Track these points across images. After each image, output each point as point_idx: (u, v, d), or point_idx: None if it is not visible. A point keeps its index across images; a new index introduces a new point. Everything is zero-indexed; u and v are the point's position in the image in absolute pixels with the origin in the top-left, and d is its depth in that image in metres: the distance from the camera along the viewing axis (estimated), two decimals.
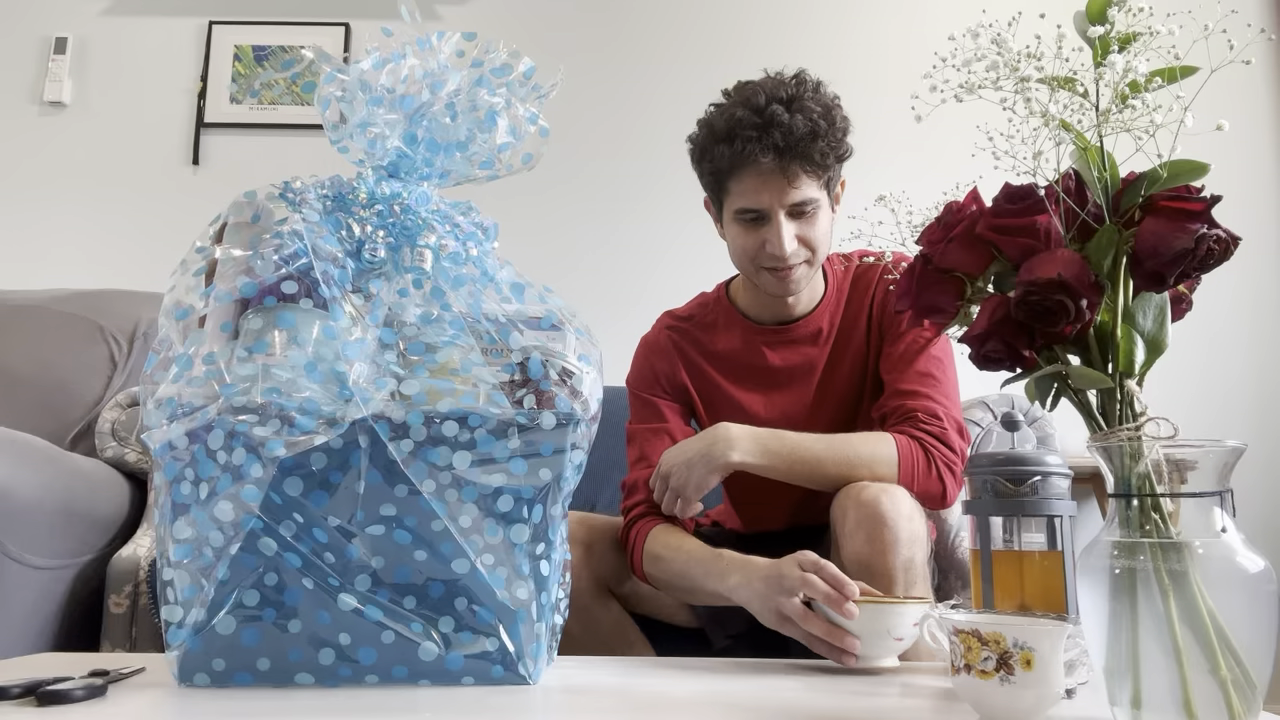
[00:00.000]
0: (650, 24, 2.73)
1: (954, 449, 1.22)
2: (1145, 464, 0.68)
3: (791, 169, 1.20)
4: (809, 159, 1.19)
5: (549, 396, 0.86)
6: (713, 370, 1.36)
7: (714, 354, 1.37)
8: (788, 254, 1.23)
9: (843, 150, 1.25)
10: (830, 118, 1.22)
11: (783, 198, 1.21)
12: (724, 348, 1.37)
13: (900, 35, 2.68)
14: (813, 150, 1.19)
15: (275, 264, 0.84)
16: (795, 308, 1.34)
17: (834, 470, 1.19)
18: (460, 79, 0.93)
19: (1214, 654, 0.63)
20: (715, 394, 1.37)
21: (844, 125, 1.25)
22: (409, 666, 0.82)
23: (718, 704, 0.78)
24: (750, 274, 1.32)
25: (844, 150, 1.25)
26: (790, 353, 1.34)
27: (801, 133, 1.18)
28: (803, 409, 1.34)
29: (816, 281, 1.36)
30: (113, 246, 2.58)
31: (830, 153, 1.21)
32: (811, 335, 1.35)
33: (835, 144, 1.22)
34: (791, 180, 1.20)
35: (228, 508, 0.78)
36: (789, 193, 1.21)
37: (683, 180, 2.59)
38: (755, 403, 1.34)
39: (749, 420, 1.27)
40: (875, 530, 1.14)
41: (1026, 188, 0.77)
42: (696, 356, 1.38)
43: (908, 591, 1.14)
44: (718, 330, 1.39)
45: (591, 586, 1.25)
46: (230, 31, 2.71)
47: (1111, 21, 0.74)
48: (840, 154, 1.24)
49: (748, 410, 1.34)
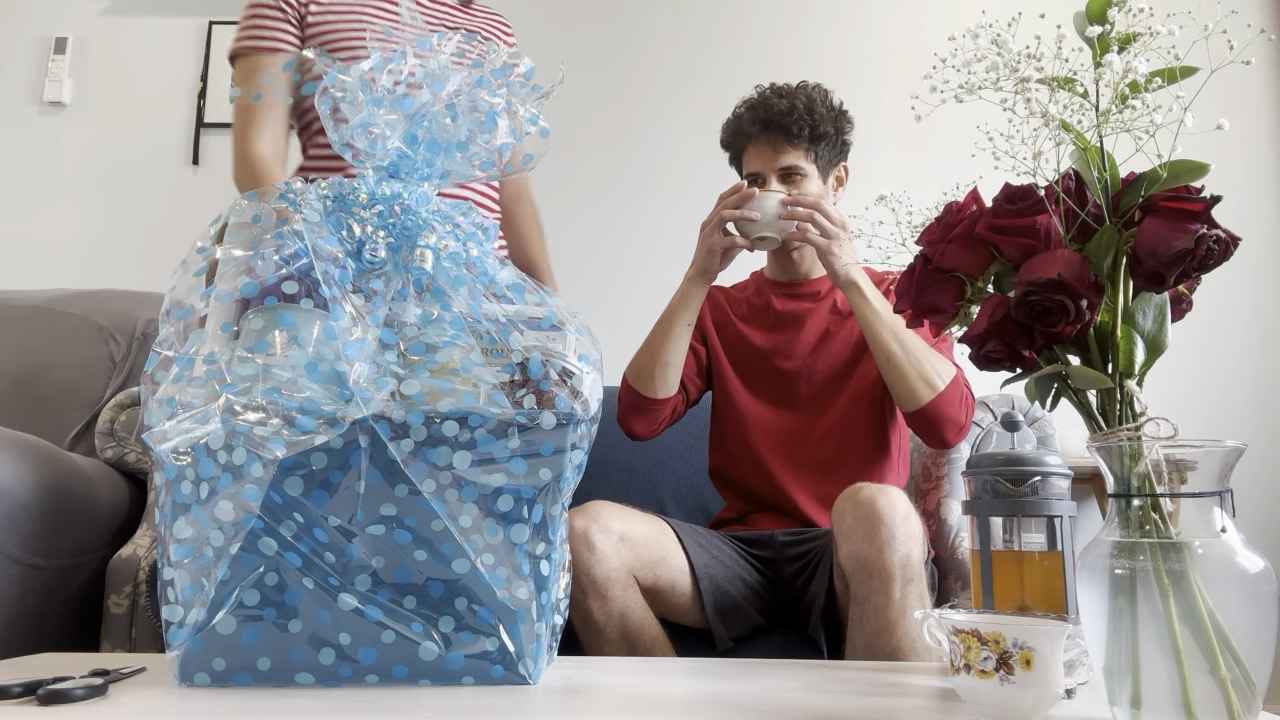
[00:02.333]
0: (650, 24, 2.73)
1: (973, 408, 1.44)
2: (1145, 464, 0.68)
3: (775, 139, 1.51)
4: (787, 131, 1.49)
5: (549, 396, 0.86)
6: (730, 311, 1.64)
7: (734, 299, 1.67)
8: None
9: (822, 128, 1.50)
10: (811, 106, 1.50)
11: (772, 163, 1.52)
12: (741, 295, 1.67)
13: (900, 35, 2.68)
14: (790, 124, 1.49)
15: (276, 264, 0.84)
16: (800, 267, 1.60)
17: (910, 344, 1.39)
18: (461, 79, 0.93)
19: (1214, 654, 0.63)
20: (726, 326, 1.62)
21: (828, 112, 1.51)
22: (409, 666, 0.82)
23: (718, 704, 0.78)
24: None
25: (824, 128, 1.51)
26: (791, 303, 1.60)
27: (782, 110, 1.50)
28: (793, 350, 1.55)
29: None
30: (113, 246, 2.58)
31: (806, 126, 1.49)
32: (811, 294, 1.60)
33: (812, 121, 1.49)
34: (776, 148, 1.51)
35: (228, 507, 0.78)
36: (777, 158, 1.51)
37: (683, 180, 2.60)
38: (755, 336, 1.58)
39: (746, 349, 1.57)
40: (872, 529, 1.16)
41: (1026, 188, 0.78)
42: (722, 301, 1.67)
43: (904, 588, 1.15)
44: (746, 289, 1.69)
45: (624, 576, 1.26)
46: (230, 31, 2.70)
47: (1111, 21, 0.74)
48: (820, 130, 1.50)
49: (748, 340, 1.58)
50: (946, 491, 1.65)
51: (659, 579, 1.31)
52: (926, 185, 1.13)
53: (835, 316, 1.56)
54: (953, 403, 1.38)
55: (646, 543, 1.31)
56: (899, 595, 1.15)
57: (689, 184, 2.57)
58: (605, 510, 1.29)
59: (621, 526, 1.28)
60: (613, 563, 1.24)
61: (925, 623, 0.80)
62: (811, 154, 1.51)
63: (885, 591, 1.15)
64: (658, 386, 1.50)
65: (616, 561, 1.25)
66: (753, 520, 1.53)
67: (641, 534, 1.31)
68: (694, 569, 1.35)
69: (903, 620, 1.15)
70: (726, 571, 1.38)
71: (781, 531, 1.46)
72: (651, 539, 1.32)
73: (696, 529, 1.45)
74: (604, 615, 1.24)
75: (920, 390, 1.38)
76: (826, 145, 1.52)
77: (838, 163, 1.57)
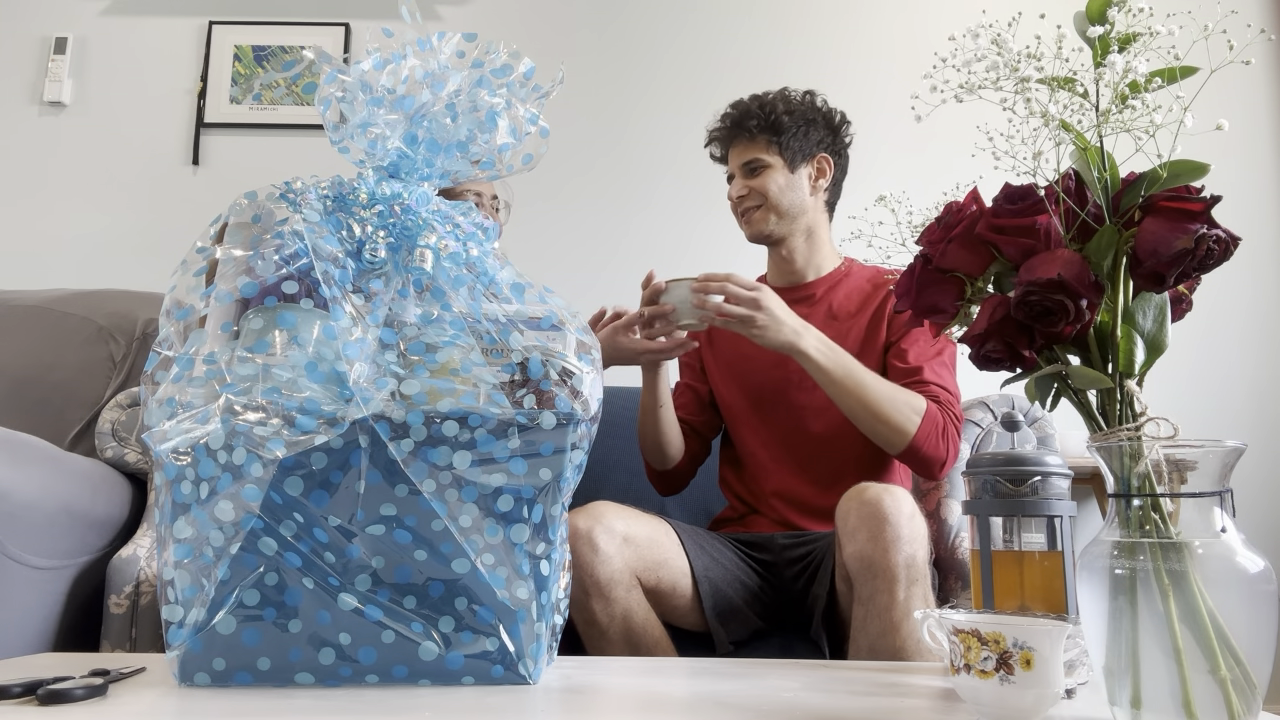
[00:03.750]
0: (651, 25, 2.73)
1: (959, 434, 1.43)
2: (1145, 464, 0.68)
3: (735, 135, 1.59)
4: (742, 127, 1.57)
5: (549, 396, 0.86)
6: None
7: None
8: (735, 197, 1.58)
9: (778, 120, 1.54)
10: (769, 104, 1.56)
11: (736, 159, 1.59)
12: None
13: (900, 35, 2.68)
14: (746, 122, 1.56)
15: (276, 264, 0.84)
16: (793, 265, 1.61)
17: (873, 398, 1.37)
18: (461, 79, 0.93)
19: (1214, 654, 0.63)
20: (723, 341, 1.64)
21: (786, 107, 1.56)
22: (409, 666, 0.82)
23: (718, 704, 0.78)
24: (738, 222, 1.62)
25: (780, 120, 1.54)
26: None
27: (744, 109, 1.58)
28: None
29: (820, 256, 1.61)
30: (113, 246, 2.58)
31: (762, 121, 1.55)
32: (806, 297, 1.59)
33: (766, 116, 1.55)
34: (736, 143, 1.58)
35: (228, 507, 0.78)
36: (739, 155, 1.58)
37: (684, 180, 2.60)
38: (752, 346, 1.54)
39: (740, 355, 1.59)
40: (878, 528, 1.15)
41: (1026, 188, 0.78)
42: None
43: (909, 589, 1.15)
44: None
45: (628, 577, 1.26)
46: (230, 31, 2.71)
47: (1111, 22, 0.74)
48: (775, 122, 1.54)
49: (745, 351, 1.57)
50: (947, 491, 1.65)
51: (661, 580, 1.31)
52: (926, 185, 1.13)
53: (831, 321, 1.55)
54: (930, 440, 1.37)
55: (649, 544, 1.31)
56: (903, 595, 1.15)
57: (690, 184, 2.57)
58: (609, 511, 1.28)
59: (625, 527, 1.28)
60: (616, 564, 1.24)
61: (925, 623, 0.80)
62: (775, 146, 1.55)
63: (890, 592, 1.15)
64: (662, 460, 1.60)
65: (620, 563, 1.25)
66: (752, 521, 1.53)
67: (644, 535, 1.31)
68: (694, 571, 1.34)
69: (907, 620, 1.14)
70: (726, 574, 1.38)
71: (781, 534, 1.46)
72: (654, 540, 1.32)
73: (697, 530, 1.45)
74: (607, 617, 1.24)
75: (893, 437, 1.37)
76: (791, 136, 1.54)
77: (813, 154, 1.57)
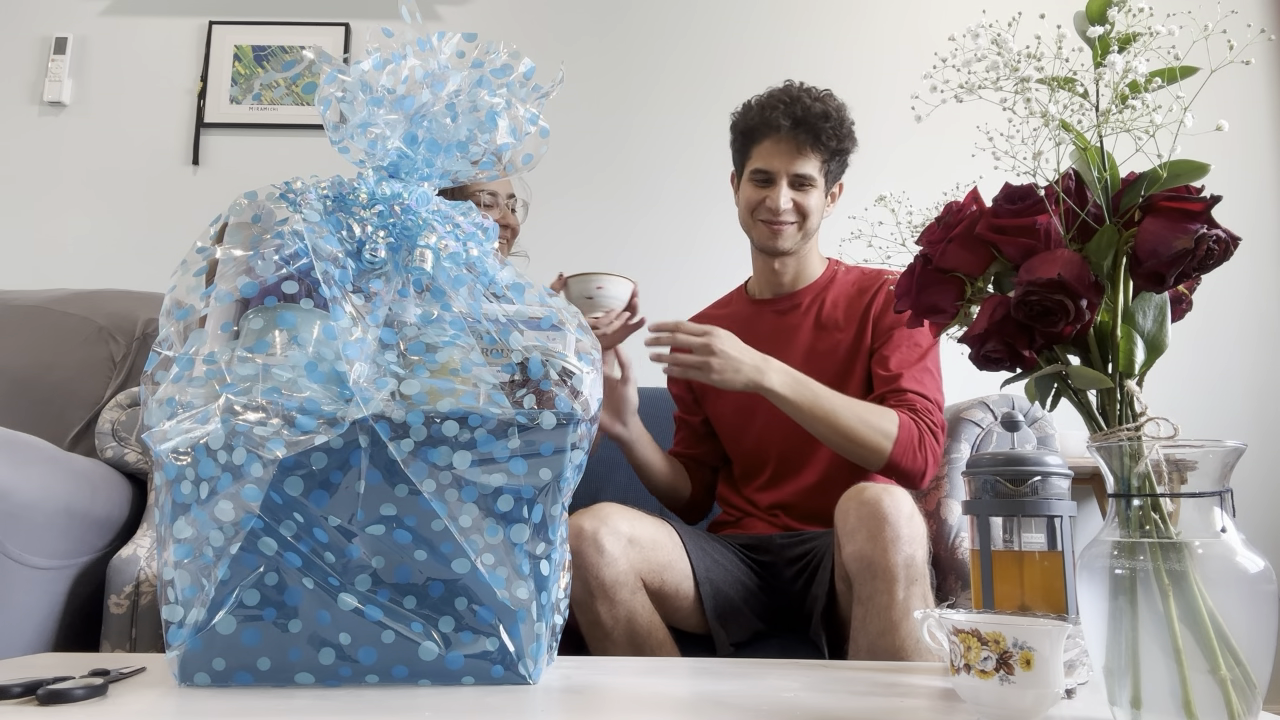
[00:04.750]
0: (652, 25, 2.73)
1: (939, 440, 1.42)
2: (1145, 464, 0.68)
3: (801, 140, 1.46)
4: (817, 135, 1.46)
5: (549, 396, 0.86)
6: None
7: (718, 319, 1.61)
8: (782, 210, 1.49)
9: (843, 144, 1.49)
10: (841, 116, 1.48)
11: (789, 165, 1.48)
12: (725, 314, 1.65)
13: (900, 35, 2.68)
14: (822, 129, 1.45)
15: (276, 264, 0.84)
16: (784, 277, 1.58)
17: (844, 423, 1.35)
18: (461, 79, 0.93)
19: (1214, 654, 0.63)
20: None
21: (849, 129, 1.50)
22: (409, 666, 0.82)
23: (718, 704, 0.78)
24: (748, 226, 1.56)
25: (844, 145, 1.49)
26: (776, 320, 1.58)
27: (816, 113, 1.46)
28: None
29: (809, 265, 1.59)
30: (113, 246, 2.58)
31: (834, 139, 1.47)
32: (793, 307, 1.58)
33: (839, 135, 1.47)
34: (800, 150, 1.47)
35: (228, 507, 0.78)
36: (796, 161, 1.48)
37: (685, 180, 2.60)
38: None
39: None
40: (877, 528, 1.15)
41: (1026, 188, 0.78)
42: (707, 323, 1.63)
43: (908, 588, 1.15)
44: (729, 306, 1.69)
45: (632, 579, 1.26)
46: (230, 31, 2.71)
47: (1111, 22, 0.74)
48: (840, 146, 1.49)
49: None
50: (947, 491, 1.65)
51: (665, 582, 1.31)
52: (926, 185, 1.13)
53: (819, 331, 1.54)
54: (907, 455, 1.37)
55: (654, 546, 1.31)
56: (903, 595, 1.15)
57: (692, 184, 2.57)
58: (614, 513, 1.28)
59: (630, 529, 1.28)
60: (621, 565, 1.24)
61: (925, 622, 0.80)
62: (825, 167, 1.50)
63: (889, 591, 1.15)
64: (673, 500, 1.63)
65: (625, 564, 1.25)
66: (749, 524, 1.53)
67: (649, 537, 1.31)
68: (696, 573, 1.34)
69: (906, 620, 1.14)
70: (727, 575, 1.38)
71: (780, 535, 1.46)
72: (658, 542, 1.32)
73: (699, 532, 1.45)
74: (611, 619, 1.23)
75: (869, 457, 1.37)
76: (836, 161, 1.51)
77: (836, 180, 1.56)
